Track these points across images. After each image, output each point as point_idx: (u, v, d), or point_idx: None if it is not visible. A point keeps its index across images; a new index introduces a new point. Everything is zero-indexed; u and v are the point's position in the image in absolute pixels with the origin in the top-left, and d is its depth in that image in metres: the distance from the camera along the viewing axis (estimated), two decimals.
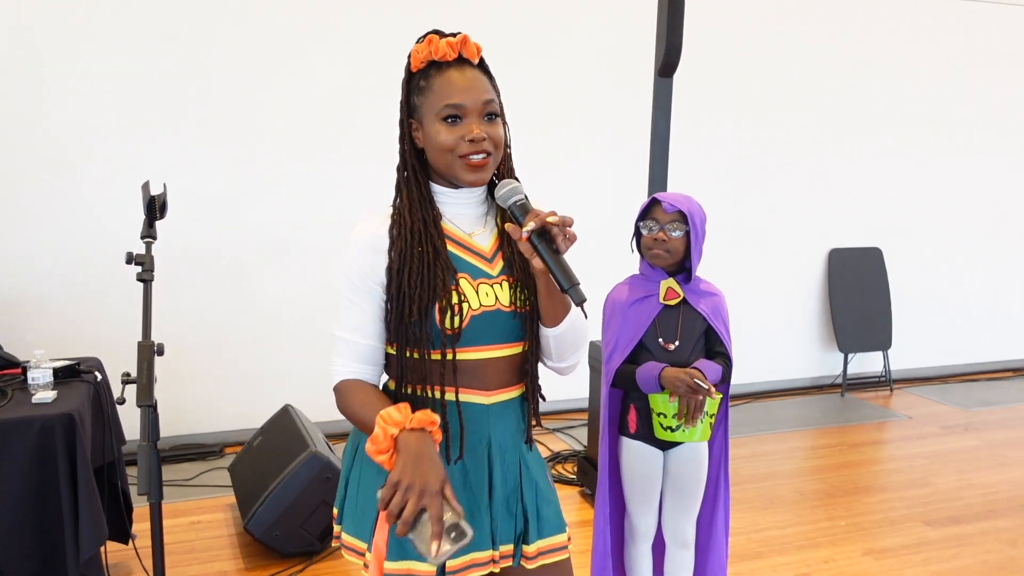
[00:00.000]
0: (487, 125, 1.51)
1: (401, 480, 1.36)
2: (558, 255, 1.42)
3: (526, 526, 1.62)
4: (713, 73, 5.18)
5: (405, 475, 1.36)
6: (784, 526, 3.64)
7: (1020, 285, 6.22)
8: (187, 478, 4.11)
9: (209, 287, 4.40)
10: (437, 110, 1.51)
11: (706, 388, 2.18)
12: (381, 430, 1.41)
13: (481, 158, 1.51)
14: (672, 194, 2.35)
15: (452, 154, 1.51)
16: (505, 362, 1.59)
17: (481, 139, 1.49)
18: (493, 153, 1.53)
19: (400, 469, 1.37)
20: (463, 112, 1.50)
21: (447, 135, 1.50)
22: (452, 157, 1.51)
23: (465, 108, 1.50)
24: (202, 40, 4.23)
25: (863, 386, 5.81)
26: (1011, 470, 4.30)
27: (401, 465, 1.37)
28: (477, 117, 1.51)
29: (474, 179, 1.52)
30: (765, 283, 5.53)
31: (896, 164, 5.73)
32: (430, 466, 1.37)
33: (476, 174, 1.52)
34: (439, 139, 1.51)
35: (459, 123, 1.50)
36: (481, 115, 1.51)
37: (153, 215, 1.91)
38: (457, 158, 1.51)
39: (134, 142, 4.20)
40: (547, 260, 1.42)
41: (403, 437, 1.40)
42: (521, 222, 1.45)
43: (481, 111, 1.51)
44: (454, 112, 1.50)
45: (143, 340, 1.82)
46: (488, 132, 1.51)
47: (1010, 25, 5.82)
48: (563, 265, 1.42)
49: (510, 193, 1.48)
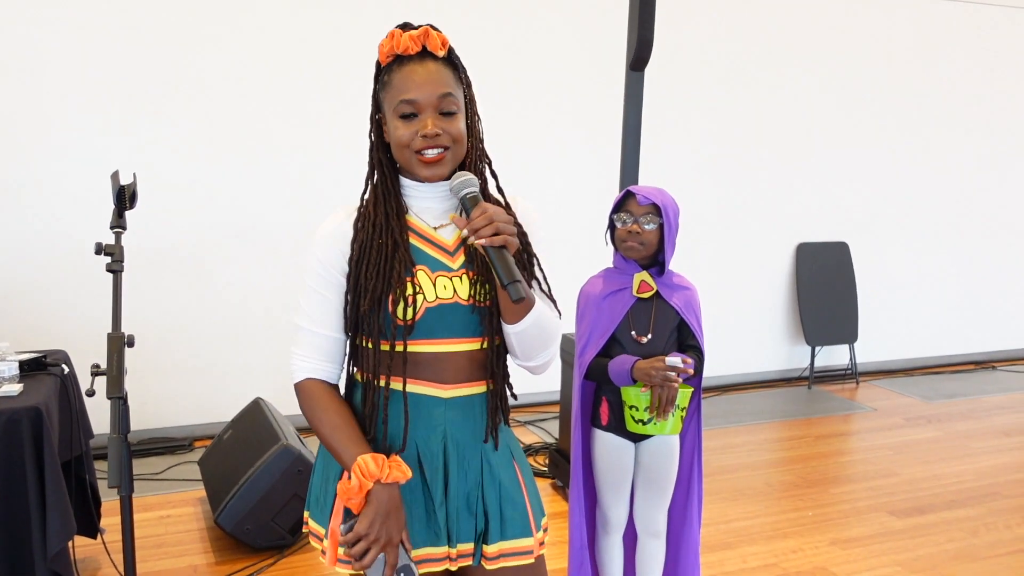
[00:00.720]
0: (443, 120, 1.51)
1: (368, 533, 1.46)
2: (501, 250, 1.43)
3: (487, 526, 1.61)
4: (684, 68, 5.21)
5: (372, 529, 1.46)
6: (752, 517, 3.68)
7: (983, 280, 6.34)
8: (156, 472, 4.07)
9: (178, 280, 4.36)
10: (394, 106, 1.52)
11: (681, 369, 2.19)
12: (357, 482, 1.47)
13: (435, 153, 1.51)
14: (646, 187, 2.37)
15: (408, 149, 1.52)
16: (465, 357, 1.58)
17: (435, 134, 1.49)
18: (452, 147, 1.53)
19: (369, 522, 1.46)
20: (418, 108, 1.50)
21: (403, 130, 1.51)
22: (409, 152, 1.52)
23: (419, 103, 1.50)
24: (169, 31, 4.18)
25: (830, 379, 5.89)
26: (973, 461, 4.38)
27: (370, 518, 1.46)
28: (432, 112, 1.51)
29: (429, 174, 1.53)
30: (734, 277, 5.59)
31: (862, 160, 5.81)
32: (395, 521, 1.48)
33: (430, 169, 1.52)
34: (396, 135, 1.52)
35: (414, 119, 1.51)
36: (436, 110, 1.51)
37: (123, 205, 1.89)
38: (413, 153, 1.52)
39: (100, 134, 4.15)
40: (489, 254, 1.43)
41: (376, 491, 1.48)
42: (470, 214, 1.46)
43: (436, 106, 1.50)
44: (409, 109, 1.50)
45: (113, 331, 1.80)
46: (444, 127, 1.51)
47: (970, 21, 5.92)
48: (504, 260, 1.42)
49: (461, 185, 1.49)
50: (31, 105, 4.02)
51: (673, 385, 2.23)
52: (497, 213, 1.43)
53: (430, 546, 1.58)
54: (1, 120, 3.98)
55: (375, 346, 1.54)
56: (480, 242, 1.42)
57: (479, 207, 1.44)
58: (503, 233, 1.42)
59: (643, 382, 2.25)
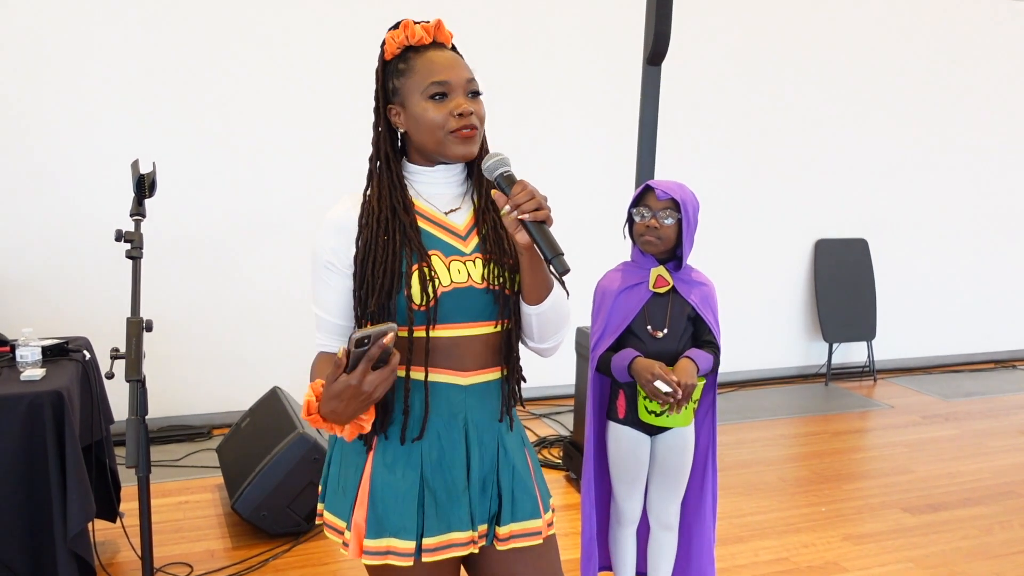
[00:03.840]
0: (471, 102, 1.55)
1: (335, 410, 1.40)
2: (543, 225, 1.44)
3: (500, 507, 1.63)
4: (701, 62, 5.20)
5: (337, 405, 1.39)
6: (766, 511, 3.68)
7: (1003, 278, 6.29)
8: (175, 459, 4.12)
9: (198, 269, 4.40)
10: (423, 88, 1.53)
11: (668, 393, 2.20)
12: (306, 399, 1.44)
13: (471, 130, 1.54)
14: (665, 182, 2.37)
15: (442, 130, 1.53)
16: (481, 341, 1.59)
17: (469, 112, 1.53)
18: (479, 127, 1.56)
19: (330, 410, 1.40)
20: (449, 89, 1.53)
21: (435, 112, 1.53)
22: (442, 133, 1.54)
23: (451, 84, 1.53)
24: (192, 26, 4.22)
25: (847, 375, 5.87)
26: (989, 459, 4.36)
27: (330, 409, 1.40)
28: (462, 93, 1.54)
29: (464, 152, 1.55)
30: (752, 273, 5.57)
31: (882, 156, 5.77)
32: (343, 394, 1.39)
33: (467, 146, 1.55)
34: (427, 116, 1.53)
35: (446, 99, 1.53)
36: (466, 92, 1.55)
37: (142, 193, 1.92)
38: (448, 133, 1.53)
39: (121, 124, 4.19)
40: (532, 231, 1.43)
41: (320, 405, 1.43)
42: (508, 193, 1.47)
43: (466, 88, 1.54)
44: (441, 89, 1.53)
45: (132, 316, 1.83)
46: (473, 107, 1.54)
47: (996, 19, 5.86)
48: (548, 235, 1.43)
49: (496, 164, 1.49)
50: (53, 95, 4.07)
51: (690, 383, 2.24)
52: (536, 189, 1.44)
53: (456, 531, 1.58)
54: (27, 109, 4.04)
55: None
56: (524, 217, 1.43)
57: (519, 183, 1.46)
58: (544, 208, 1.44)
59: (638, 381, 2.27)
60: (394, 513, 1.56)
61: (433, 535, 1.57)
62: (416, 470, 1.57)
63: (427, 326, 1.54)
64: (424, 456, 1.58)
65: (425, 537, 1.57)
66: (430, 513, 1.58)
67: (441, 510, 1.58)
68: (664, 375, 2.22)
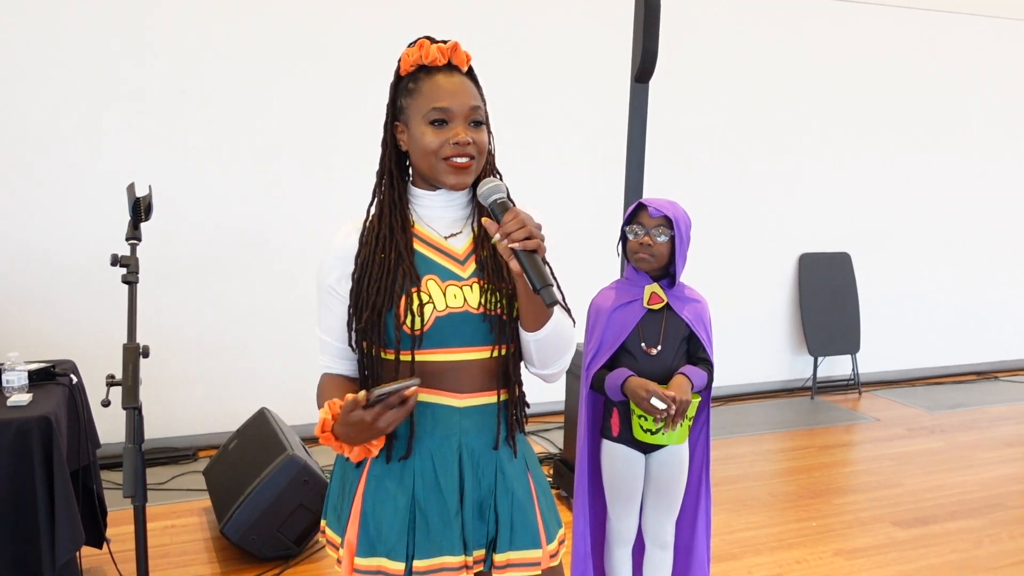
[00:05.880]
0: (472, 131, 1.54)
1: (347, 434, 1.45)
2: (533, 255, 1.42)
3: (497, 533, 1.61)
4: (688, 79, 5.24)
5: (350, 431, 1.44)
6: (757, 527, 3.68)
7: (985, 290, 6.35)
8: (160, 482, 4.07)
9: (184, 290, 4.37)
10: (424, 112, 1.53)
11: (659, 413, 2.21)
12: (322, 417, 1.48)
13: (465, 161, 1.53)
14: (658, 199, 2.38)
15: (436, 156, 1.53)
16: (478, 366, 1.58)
17: (466, 143, 1.52)
18: (476, 158, 1.55)
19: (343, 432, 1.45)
20: (450, 116, 1.53)
21: (432, 137, 1.53)
22: (436, 159, 1.54)
23: (452, 112, 1.53)
24: (182, 43, 4.20)
25: (832, 389, 5.90)
26: (976, 471, 4.39)
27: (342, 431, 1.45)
28: (463, 122, 1.54)
29: (456, 182, 1.55)
30: (737, 287, 5.60)
31: (864, 171, 5.83)
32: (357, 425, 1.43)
33: (458, 177, 1.54)
34: (424, 141, 1.53)
35: (445, 126, 1.53)
36: (467, 120, 1.54)
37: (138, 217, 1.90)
38: (441, 160, 1.53)
39: (111, 145, 4.16)
40: (521, 259, 1.42)
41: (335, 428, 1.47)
42: (500, 220, 1.46)
43: (467, 116, 1.54)
44: (441, 116, 1.53)
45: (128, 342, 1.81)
46: (473, 137, 1.54)
47: (974, 34, 5.95)
48: (537, 265, 1.42)
49: (491, 191, 1.49)
50: (46, 116, 4.03)
51: (685, 399, 2.24)
52: (528, 217, 1.44)
53: (448, 555, 1.57)
54: (16, 130, 4.00)
55: (385, 356, 1.56)
56: (514, 246, 1.42)
57: (511, 211, 1.45)
58: (535, 237, 1.43)
59: (632, 400, 2.27)
60: (385, 533, 1.56)
61: (424, 558, 1.56)
62: (408, 491, 1.57)
63: (412, 350, 1.54)
64: (417, 477, 1.57)
65: (415, 559, 1.55)
66: (421, 535, 1.57)
67: (433, 533, 1.57)
68: (658, 392, 2.22)
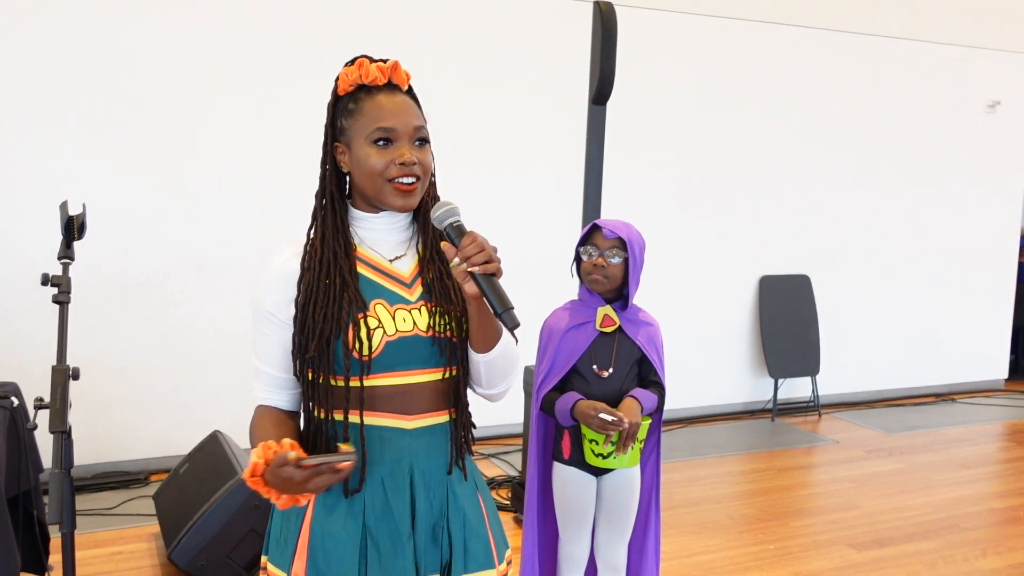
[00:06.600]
0: (417, 150, 1.52)
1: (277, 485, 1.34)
2: (493, 278, 1.41)
3: (451, 557, 1.58)
4: (647, 102, 5.27)
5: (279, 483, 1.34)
6: (714, 551, 3.67)
7: (942, 313, 6.43)
8: (109, 507, 3.98)
9: (136, 311, 4.29)
10: (367, 132, 1.50)
11: (613, 421, 2.19)
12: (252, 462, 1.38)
13: (411, 182, 1.51)
14: (612, 221, 2.38)
15: (381, 177, 1.50)
16: (428, 388, 1.56)
17: (412, 163, 1.50)
18: (422, 178, 1.53)
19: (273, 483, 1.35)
20: (394, 136, 1.50)
21: (377, 158, 1.50)
22: (381, 181, 1.51)
23: (397, 132, 1.50)
24: (123, 60, 4.15)
25: (792, 411, 5.93)
26: (933, 493, 4.42)
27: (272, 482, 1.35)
28: (408, 141, 1.51)
29: (402, 204, 1.52)
30: (697, 309, 5.62)
31: (823, 194, 5.89)
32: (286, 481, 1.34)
33: (405, 199, 1.52)
34: (369, 162, 1.50)
35: (390, 146, 1.50)
36: (412, 140, 1.51)
37: (71, 236, 1.86)
38: (386, 182, 1.51)
39: (51, 163, 4.08)
40: (481, 284, 1.41)
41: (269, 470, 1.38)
42: (457, 244, 1.44)
43: (412, 136, 1.51)
44: (385, 135, 1.50)
45: (58, 364, 1.76)
46: (418, 157, 1.51)
47: (924, 60, 6.06)
48: (497, 288, 1.41)
49: (447, 214, 1.46)
50: None
51: (635, 422, 2.23)
52: (486, 241, 1.42)
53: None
54: None
55: (326, 383, 1.52)
56: (473, 269, 1.40)
57: (469, 235, 1.43)
58: (494, 261, 1.41)
59: (583, 423, 2.26)
60: (335, 563, 1.51)
61: None
62: (359, 518, 1.53)
63: (361, 376, 1.50)
64: (367, 504, 1.53)
65: None
66: (373, 563, 1.52)
67: (384, 559, 1.52)
68: (607, 408, 2.21)
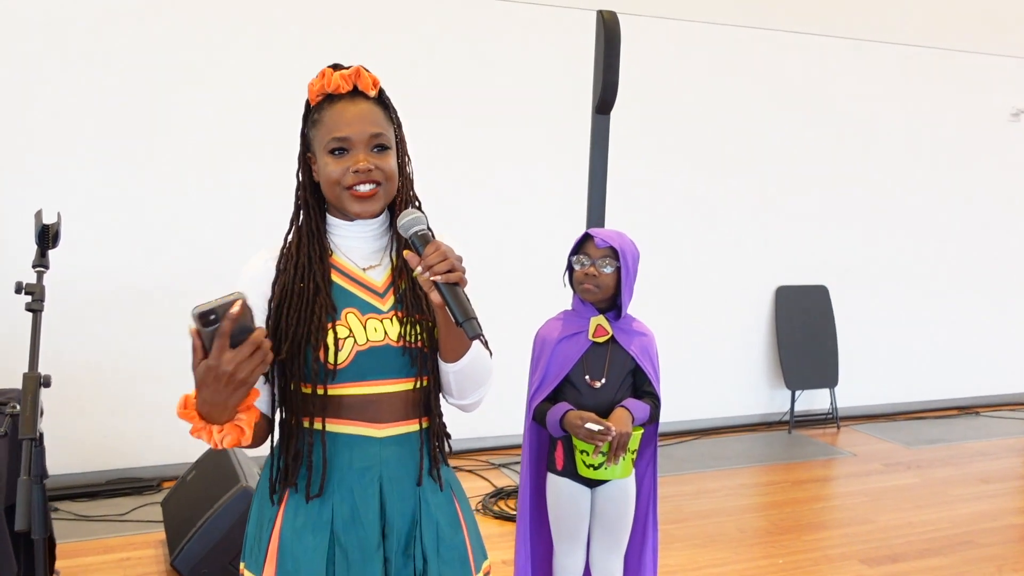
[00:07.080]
0: (375, 156, 1.52)
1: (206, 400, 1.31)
2: (456, 287, 1.41)
3: (425, 567, 1.58)
4: (657, 110, 5.24)
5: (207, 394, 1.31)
6: (722, 564, 3.62)
7: (966, 324, 6.32)
8: (120, 513, 4.01)
9: (150, 316, 4.33)
10: (325, 143, 1.52)
11: (600, 431, 2.18)
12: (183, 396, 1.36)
13: (368, 189, 1.51)
14: (605, 230, 2.37)
15: (339, 186, 1.52)
16: (399, 397, 1.56)
17: (367, 169, 1.50)
18: (384, 184, 1.53)
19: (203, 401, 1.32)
20: (349, 144, 1.51)
21: (334, 167, 1.51)
22: (339, 189, 1.52)
23: (351, 140, 1.51)
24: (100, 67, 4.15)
25: (810, 423, 5.85)
26: (950, 508, 4.33)
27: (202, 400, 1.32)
28: (364, 148, 1.51)
29: (360, 210, 1.53)
30: (713, 320, 5.57)
31: (841, 203, 5.82)
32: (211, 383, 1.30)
33: (362, 205, 1.52)
34: (326, 171, 1.52)
35: (345, 155, 1.52)
36: (368, 147, 1.52)
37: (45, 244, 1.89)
38: (344, 190, 1.52)
39: (29, 171, 4.10)
40: (444, 293, 1.40)
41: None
42: (421, 252, 1.44)
43: (368, 143, 1.52)
44: (340, 144, 1.51)
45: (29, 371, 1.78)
46: (376, 163, 1.51)
47: (951, 70, 5.97)
48: (459, 298, 1.40)
49: (411, 223, 1.46)
50: None
51: (625, 432, 2.21)
52: (450, 250, 1.42)
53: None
54: None
55: (296, 390, 1.52)
56: (436, 278, 1.40)
57: (432, 244, 1.43)
58: (457, 270, 1.41)
59: (572, 434, 2.24)
60: (304, 569, 1.51)
61: None
62: (327, 527, 1.53)
63: (325, 385, 1.51)
64: (336, 512, 1.53)
65: None
66: (341, 570, 1.52)
67: (353, 568, 1.52)
68: (594, 417, 2.20)
